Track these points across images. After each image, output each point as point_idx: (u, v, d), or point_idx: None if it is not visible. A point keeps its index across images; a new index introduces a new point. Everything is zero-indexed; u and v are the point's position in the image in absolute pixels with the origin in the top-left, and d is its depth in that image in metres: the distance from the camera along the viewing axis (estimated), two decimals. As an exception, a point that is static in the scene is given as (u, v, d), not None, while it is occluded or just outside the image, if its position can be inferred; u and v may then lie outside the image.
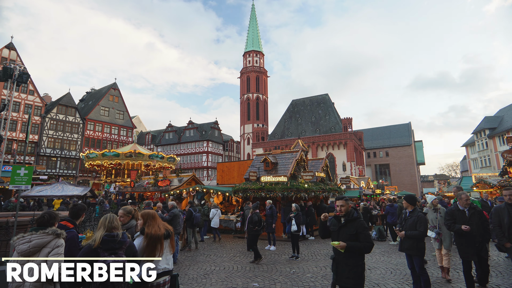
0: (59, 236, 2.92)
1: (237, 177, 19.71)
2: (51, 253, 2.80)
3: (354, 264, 3.46)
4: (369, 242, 3.49)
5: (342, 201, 3.67)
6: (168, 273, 3.38)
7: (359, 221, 3.58)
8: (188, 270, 7.32)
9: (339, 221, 3.69)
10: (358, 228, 3.51)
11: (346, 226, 3.59)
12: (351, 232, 3.51)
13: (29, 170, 7.69)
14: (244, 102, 65.03)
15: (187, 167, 51.39)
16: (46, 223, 3.11)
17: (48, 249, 2.81)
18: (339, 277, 3.53)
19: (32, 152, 36.89)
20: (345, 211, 3.62)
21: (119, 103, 48.48)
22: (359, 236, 3.48)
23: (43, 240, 2.84)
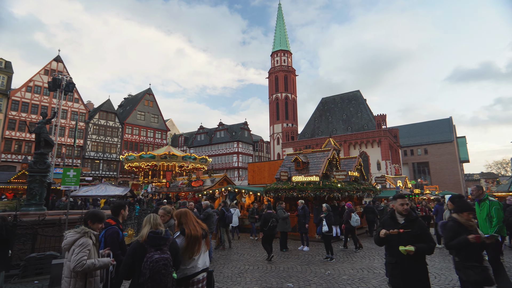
0: (84, 234, 3.09)
1: (268, 177, 19.74)
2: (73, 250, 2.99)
3: (423, 266, 3.31)
4: (433, 242, 3.33)
5: (405, 199, 3.50)
6: (205, 270, 3.49)
7: (420, 221, 3.42)
8: (223, 269, 7.47)
9: (395, 222, 3.50)
10: (422, 228, 3.34)
11: (407, 226, 3.39)
12: (415, 233, 3.32)
13: (77, 172, 8.35)
14: (273, 102, 64.95)
15: (218, 167, 52.49)
16: (84, 222, 3.38)
17: (74, 247, 3.01)
18: (408, 282, 3.30)
19: (78, 155, 39.94)
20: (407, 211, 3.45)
21: (154, 107, 50.88)
22: (424, 236, 3.31)
23: (73, 238, 3.06)
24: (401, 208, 3.45)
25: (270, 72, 67.22)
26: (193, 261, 3.26)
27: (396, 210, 3.57)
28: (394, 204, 3.64)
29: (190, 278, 3.23)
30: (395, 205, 3.58)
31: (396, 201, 3.56)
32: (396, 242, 3.36)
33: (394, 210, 3.64)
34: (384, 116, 48.85)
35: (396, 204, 3.54)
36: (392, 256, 3.43)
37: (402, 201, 3.46)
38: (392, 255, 3.43)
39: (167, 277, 2.80)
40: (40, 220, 8.33)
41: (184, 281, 3.20)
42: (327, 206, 9.34)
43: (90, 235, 3.12)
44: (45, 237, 8.06)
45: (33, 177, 10.81)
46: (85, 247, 2.99)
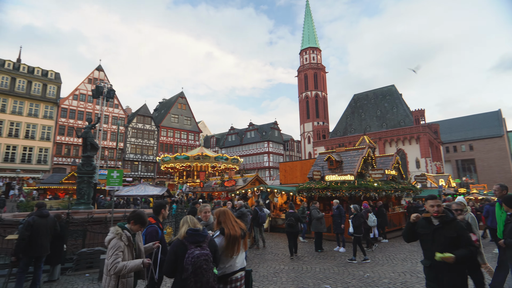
0: (117, 236, 3.16)
1: (300, 177, 19.51)
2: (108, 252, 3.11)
3: (461, 271, 3.12)
4: (473, 245, 3.10)
5: (437, 200, 3.30)
6: (243, 269, 3.54)
7: (457, 223, 3.20)
8: (258, 268, 7.52)
9: (429, 223, 3.32)
10: (459, 230, 3.13)
11: (443, 228, 3.21)
12: (451, 235, 3.13)
13: (120, 173, 8.89)
14: (303, 100, 64.10)
15: (249, 167, 52.99)
16: (128, 220, 3.52)
17: (108, 248, 3.14)
18: (444, 287, 3.15)
19: (119, 157, 42.58)
20: (441, 212, 3.25)
21: (187, 110, 52.71)
22: (461, 239, 3.10)
23: (108, 238, 3.21)
24: (431, 210, 3.24)
25: (299, 70, 66.42)
26: (231, 260, 3.31)
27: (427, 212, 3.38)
28: (426, 206, 3.44)
29: (229, 276, 3.29)
30: (426, 207, 3.38)
31: (427, 202, 3.35)
32: (430, 244, 3.20)
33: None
34: (422, 111, 46.05)
35: (427, 205, 3.34)
36: (427, 259, 3.26)
37: (433, 202, 3.24)
38: (427, 257, 3.26)
39: (208, 272, 2.87)
40: (89, 218, 9.01)
41: (223, 279, 3.27)
42: (355, 207, 9.04)
43: (122, 236, 3.18)
44: (94, 234, 8.69)
45: (82, 178, 11.73)
46: (117, 250, 3.09)
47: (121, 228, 3.26)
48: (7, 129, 34.34)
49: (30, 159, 35.63)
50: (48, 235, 5.85)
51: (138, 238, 3.44)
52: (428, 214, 3.30)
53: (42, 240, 5.65)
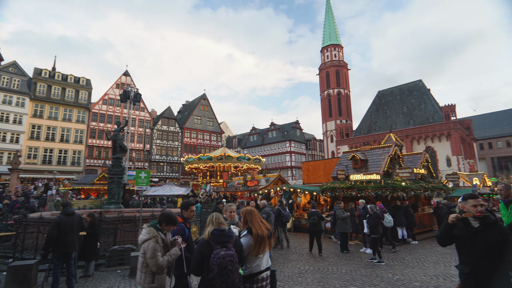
0: (153, 238, 3.25)
1: (323, 176, 19.20)
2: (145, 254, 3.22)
3: (506, 279, 2.84)
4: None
5: (478, 199, 3.04)
6: (268, 269, 3.55)
7: (501, 226, 2.94)
8: (283, 268, 7.50)
9: (467, 225, 3.03)
10: (503, 234, 2.85)
11: (484, 231, 2.91)
12: (494, 239, 2.81)
13: (148, 174, 9.23)
14: (325, 98, 63.01)
15: (272, 167, 52.91)
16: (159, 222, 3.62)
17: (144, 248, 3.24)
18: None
19: (145, 158, 44.15)
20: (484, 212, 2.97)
21: (209, 111, 53.64)
22: (506, 243, 2.82)
23: (143, 238, 3.31)
24: (474, 210, 2.96)
25: (320, 68, 65.38)
26: (258, 260, 3.33)
27: (467, 212, 3.07)
28: (464, 206, 3.16)
29: (255, 275, 3.31)
30: (465, 207, 3.08)
31: (467, 202, 3.06)
32: (468, 248, 2.91)
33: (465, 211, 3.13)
34: (453, 106, 43.67)
35: (467, 205, 3.04)
36: (464, 264, 2.97)
37: (475, 202, 2.98)
38: (464, 262, 2.97)
39: (234, 273, 2.89)
40: (119, 217, 9.42)
41: (250, 279, 3.29)
42: (371, 207, 8.95)
43: (158, 239, 3.29)
44: (124, 232, 9.09)
45: (112, 179, 12.30)
46: (156, 251, 3.23)
47: (155, 229, 3.35)
48: (44, 133, 36.78)
49: (65, 161, 37.90)
50: (75, 233, 6.07)
51: (168, 237, 3.56)
52: (469, 215, 3.00)
53: (69, 237, 5.89)
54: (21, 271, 6.25)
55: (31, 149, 35.62)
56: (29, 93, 36.14)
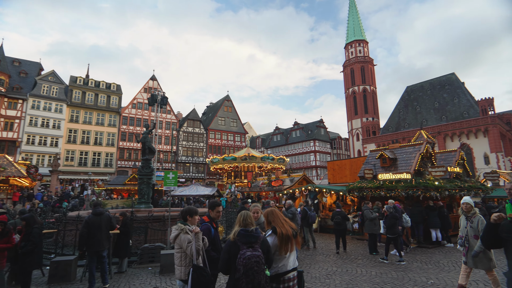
0: (181, 231, 3.53)
1: (350, 176, 18.74)
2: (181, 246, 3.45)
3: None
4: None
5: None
6: (295, 269, 3.52)
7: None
8: (309, 269, 7.42)
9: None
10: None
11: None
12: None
13: (175, 174, 9.51)
14: (350, 96, 61.41)
15: (296, 167, 52.47)
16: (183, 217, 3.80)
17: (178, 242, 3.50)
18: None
19: (172, 160, 45.57)
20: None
21: (232, 112, 54.29)
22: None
23: (174, 234, 3.55)
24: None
25: (344, 65, 63.83)
26: (284, 260, 3.31)
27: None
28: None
29: (282, 275, 3.30)
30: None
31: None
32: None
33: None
34: (490, 100, 40.76)
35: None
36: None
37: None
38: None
39: (260, 274, 2.89)
40: (149, 216, 9.81)
41: (276, 278, 3.28)
42: (388, 207, 8.87)
43: (186, 230, 3.54)
44: (154, 231, 9.44)
45: (142, 180, 12.81)
46: (189, 242, 3.44)
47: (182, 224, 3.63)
48: (80, 137, 39.19)
49: (99, 163, 40.11)
50: (103, 231, 6.31)
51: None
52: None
53: (98, 236, 6.14)
54: (62, 266, 6.70)
55: (68, 152, 38.10)
56: (66, 100, 38.69)
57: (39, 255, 6.00)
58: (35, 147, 35.73)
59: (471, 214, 4.82)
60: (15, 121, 34.84)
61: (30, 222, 5.70)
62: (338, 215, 9.70)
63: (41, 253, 6.31)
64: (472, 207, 4.81)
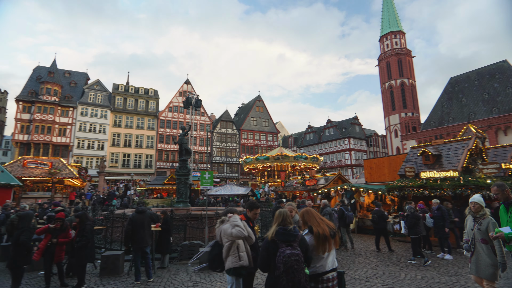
0: (222, 222, 3.80)
1: (389, 174, 17.87)
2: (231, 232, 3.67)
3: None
4: None
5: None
6: (335, 270, 3.44)
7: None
8: (348, 270, 7.20)
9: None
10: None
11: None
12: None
13: (211, 174, 9.77)
14: (386, 91, 58.47)
15: (330, 166, 51.22)
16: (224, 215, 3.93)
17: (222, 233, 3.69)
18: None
19: (207, 160, 46.93)
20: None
21: (264, 112, 54.49)
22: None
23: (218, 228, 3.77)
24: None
25: (379, 59, 60.92)
26: (323, 260, 3.26)
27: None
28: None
29: (320, 275, 3.25)
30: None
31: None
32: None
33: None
34: (553, 87, 36.32)
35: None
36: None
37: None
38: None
39: (300, 272, 2.88)
40: (188, 214, 10.19)
41: (314, 278, 3.24)
42: (409, 207, 8.71)
43: (226, 219, 3.78)
44: (192, 229, 9.80)
45: (180, 180, 13.35)
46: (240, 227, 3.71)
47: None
48: (123, 141, 41.99)
49: (140, 164, 42.61)
50: (146, 229, 6.67)
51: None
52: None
53: (141, 232, 6.50)
54: (111, 260, 7.21)
55: (113, 154, 41.00)
56: (110, 106, 41.67)
57: (92, 249, 6.52)
58: (84, 151, 38.99)
59: (479, 215, 4.37)
60: (67, 127, 38.32)
61: (83, 219, 6.22)
62: (375, 214, 9.70)
63: (93, 247, 6.85)
64: (481, 207, 4.36)
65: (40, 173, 22.09)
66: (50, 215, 7.07)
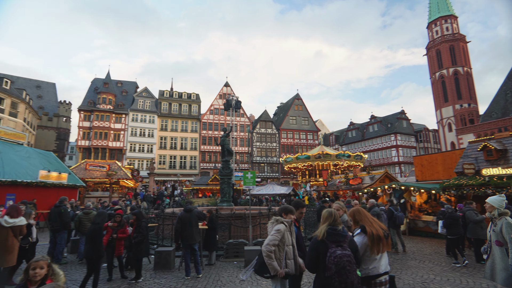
0: (277, 221, 3.62)
1: (443, 172, 16.44)
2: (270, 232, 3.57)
3: None
4: None
5: None
6: (387, 273, 3.29)
7: None
8: (400, 274, 6.79)
9: None
10: None
11: None
12: None
13: (253, 174, 9.92)
14: (437, 81, 53.79)
15: (375, 164, 48.70)
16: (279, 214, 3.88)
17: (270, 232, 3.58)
18: None
19: (247, 160, 47.67)
20: None
21: (303, 111, 53.74)
22: None
23: (271, 226, 3.65)
24: None
25: (428, 47, 56.27)
26: (375, 262, 3.14)
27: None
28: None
29: (373, 278, 3.13)
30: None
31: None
32: None
33: None
34: None
35: None
36: None
37: None
38: None
39: (352, 273, 2.79)
40: (232, 214, 10.48)
41: (367, 281, 3.13)
42: (448, 207, 8.31)
43: (282, 221, 3.62)
44: (236, 227, 10.05)
45: (223, 180, 13.76)
46: (278, 232, 3.50)
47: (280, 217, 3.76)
48: (169, 143, 44.66)
49: (185, 165, 44.88)
50: (194, 226, 7.01)
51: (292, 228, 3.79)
52: None
53: (189, 230, 6.88)
54: (164, 256, 7.71)
55: (161, 156, 43.81)
56: (157, 111, 44.58)
57: (147, 245, 7.04)
58: (136, 154, 42.26)
59: (494, 216, 4.24)
60: (120, 132, 41.90)
61: (139, 216, 6.74)
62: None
63: (148, 243, 7.39)
64: (494, 208, 4.21)
65: (100, 174, 24.44)
66: (110, 213, 7.79)
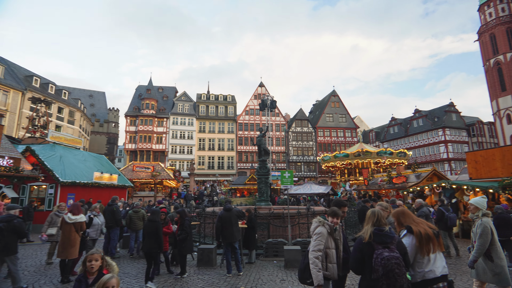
0: (320, 223, 3.52)
1: (502, 168, 14.87)
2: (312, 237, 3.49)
3: None
4: None
5: None
6: (445, 278, 3.06)
7: None
8: (454, 280, 6.26)
9: None
10: None
11: None
12: None
13: (291, 173, 9.86)
14: (492, 68, 48.59)
15: (421, 161, 45.48)
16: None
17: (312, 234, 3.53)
18: None
19: (284, 160, 47.47)
20: None
21: (340, 107, 52.07)
22: None
23: (313, 226, 3.59)
24: None
25: (480, 31, 51.07)
26: (429, 264, 2.95)
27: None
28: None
29: (430, 283, 2.94)
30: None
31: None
32: None
33: None
34: None
35: None
36: None
37: None
38: None
39: (402, 277, 2.66)
40: (270, 213, 10.52)
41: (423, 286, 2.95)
42: (497, 207, 7.44)
43: (325, 224, 3.53)
44: (275, 227, 10.07)
45: (260, 179, 13.87)
46: (320, 236, 3.41)
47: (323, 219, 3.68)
48: (207, 145, 46.25)
49: (223, 165, 46.10)
50: (234, 225, 7.19)
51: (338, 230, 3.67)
52: None
53: (229, 229, 7.06)
54: (206, 253, 8.00)
55: (200, 157, 45.53)
56: (195, 114, 46.44)
57: (191, 242, 7.36)
58: (177, 155, 44.43)
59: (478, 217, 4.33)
60: (162, 135, 44.39)
61: (182, 215, 7.08)
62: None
63: (192, 241, 7.73)
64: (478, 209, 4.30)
65: (145, 175, 26.11)
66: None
